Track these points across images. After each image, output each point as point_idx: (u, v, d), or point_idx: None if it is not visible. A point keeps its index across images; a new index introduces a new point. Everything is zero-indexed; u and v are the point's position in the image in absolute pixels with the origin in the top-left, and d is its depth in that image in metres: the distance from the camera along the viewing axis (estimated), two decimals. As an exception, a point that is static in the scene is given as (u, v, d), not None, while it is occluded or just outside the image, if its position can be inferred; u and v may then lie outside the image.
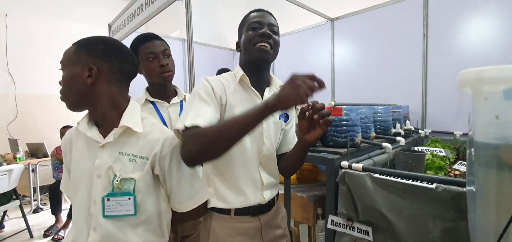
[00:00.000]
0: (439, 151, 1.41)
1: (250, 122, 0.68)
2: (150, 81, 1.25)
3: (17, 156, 3.43)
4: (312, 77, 0.67)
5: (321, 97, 0.80)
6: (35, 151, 3.79)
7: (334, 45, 3.02)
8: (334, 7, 3.03)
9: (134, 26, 2.48)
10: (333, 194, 1.19)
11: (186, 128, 0.73)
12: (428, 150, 1.43)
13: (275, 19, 0.94)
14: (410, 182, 0.93)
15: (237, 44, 0.97)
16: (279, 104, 0.67)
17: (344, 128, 1.36)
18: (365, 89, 2.74)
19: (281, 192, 1.58)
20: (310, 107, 0.77)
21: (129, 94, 0.84)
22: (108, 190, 0.74)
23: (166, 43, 1.26)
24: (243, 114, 0.69)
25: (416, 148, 1.46)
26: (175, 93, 1.29)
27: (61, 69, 0.75)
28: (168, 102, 1.24)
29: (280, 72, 3.59)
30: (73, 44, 0.76)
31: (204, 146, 0.70)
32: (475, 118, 0.43)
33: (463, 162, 1.36)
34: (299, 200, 1.63)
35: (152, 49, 1.19)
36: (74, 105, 0.76)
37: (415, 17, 2.33)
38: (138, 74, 1.03)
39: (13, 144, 3.71)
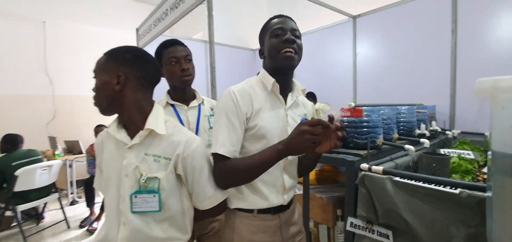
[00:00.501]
0: (467, 154, 1.34)
1: (268, 164, 0.84)
2: (171, 85, 1.31)
3: (56, 152, 3.73)
4: (317, 122, 0.75)
5: (344, 98, 0.83)
6: (71, 148, 4.09)
7: (356, 43, 2.95)
8: (356, 4, 2.96)
9: (160, 30, 2.60)
10: (353, 196, 1.18)
11: (218, 155, 0.85)
12: (455, 152, 1.37)
13: (295, 23, 0.96)
14: (432, 186, 0.91)
15: (261, 51, 0.99)
16: (289, 151, 0.80)
17: (364, 129, 1.33)
18: (389, 89, 2.65)
19: (300, 192, 1.59)
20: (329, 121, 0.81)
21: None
22: (135, 188, 0.80)
23: (188, 49, 1.32)
24: (261, 159, 0.84)
25: (441, 151, 1.40)
26: (194, 96, 1.35)
27: (94, 77, 0.82)
28: (187, 105, 1.30)
29: (300, 73, 3.55)
30: (104, 54, 0.83)
31: (234, 182, 0.90)
32: (492, 126, 0.43)
33: (494, 166, 1.28)
34: (318, 200, 1.63)
35: (174, 54, 1.26)
36: (105, 110, 0.83)
37: (443, 12, 2.22)
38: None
39: (52, 141, 4.03)
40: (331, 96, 3.14)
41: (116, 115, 0.87)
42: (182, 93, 1.30)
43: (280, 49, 0.89)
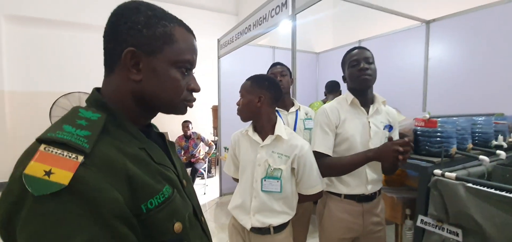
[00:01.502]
0: (547, 167, 1.38)
1: (357, 165, 1.16)
2: None
3: (152, 141, 4.54)
4: (405, 143, 1.02)
5: (412, 103, 1.06)
6: (161, 138, 4.90)
7: (428, 48, 2.93)
8: (430, 8, 2.93)
9: (241, 43, 3.02)
10: (424, 198, 1.30)
11: (316, 152, 1.20)
12: (534, 165, 1.41)
13: (369, 51, 1.23)
14: (503, 193, 1.02)
15: (343, 77, 1.31)
16: (377, 159, 1.10)
17: (438, 138, 1.44)
18: (464, 96, 2.59)
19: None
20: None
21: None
22: (264, 174, 1.16)
23: (284, 67, 1.71)
24: (353, 160, 1.15)
25: (520, 163, 1.45)
26: (292, 104, 1.72)
27: (241, 96, 1.20)
28: (287, 111, 1.66)
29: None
30: (247, 79, 1.21)
31: (331, 173, 1.24)
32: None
33: None
34: (389, 199, 1.82)
35: (274, 71, 1.68)
36: (245, 119, 1.21)
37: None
38: None
39: (147, 131, 4.89)
40: (398, 101, 3.16)
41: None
42: (282, 100, 1.66)
43: (356, 76, 1.20)
